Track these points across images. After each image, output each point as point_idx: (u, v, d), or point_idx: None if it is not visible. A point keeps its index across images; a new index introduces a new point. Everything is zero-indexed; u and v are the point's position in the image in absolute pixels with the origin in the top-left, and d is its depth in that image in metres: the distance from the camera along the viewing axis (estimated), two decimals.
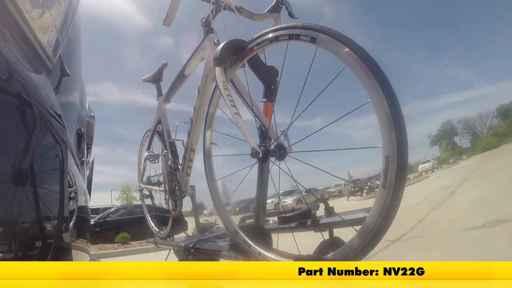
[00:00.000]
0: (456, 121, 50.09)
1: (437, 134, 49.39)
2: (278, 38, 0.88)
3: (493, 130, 44.76)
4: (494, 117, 46.23)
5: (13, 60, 0.57)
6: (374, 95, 0.66)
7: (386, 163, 0.65)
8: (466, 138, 49.73)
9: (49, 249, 0.58)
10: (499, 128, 43.38)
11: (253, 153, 0.88)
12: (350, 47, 0.71)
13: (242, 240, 1.00)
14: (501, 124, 43.99)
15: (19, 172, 0.53)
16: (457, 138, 49.63)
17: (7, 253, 0.49)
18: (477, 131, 48.72)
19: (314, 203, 1.04)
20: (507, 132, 39.42)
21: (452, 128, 49.96)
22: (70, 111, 1.01)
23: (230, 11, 1.20)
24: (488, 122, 47.44)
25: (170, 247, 1.47)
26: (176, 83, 1.55)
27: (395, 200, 0.64)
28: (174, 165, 1.52)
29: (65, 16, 0.85)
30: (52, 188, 0.62)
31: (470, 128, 49.52)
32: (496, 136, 40.58)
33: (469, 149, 43.63)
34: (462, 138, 49.95)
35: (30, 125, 0.58)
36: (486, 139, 42.59)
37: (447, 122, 50.46)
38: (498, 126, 44.13)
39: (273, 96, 1.04)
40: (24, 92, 0.57)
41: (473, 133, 49.28)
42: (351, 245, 0.72)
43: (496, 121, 45.55)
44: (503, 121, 43.91)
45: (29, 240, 0.55)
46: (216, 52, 1.01)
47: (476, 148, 40.55)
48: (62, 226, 0.62)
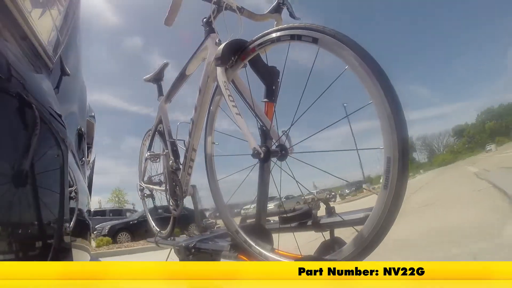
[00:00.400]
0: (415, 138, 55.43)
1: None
2: (279, 38, 0.88)
3: (449, 147, 51.20)
4: (450, 136, 52.91)
5: (13, 60, 0.57)
6: (376, 96, 0.66)
7: (388, 164, 0.65)
8: (424, 154, 56.25)
9: (50, 248, 0.58)
10: (455, 146, 49.78)
11: (255, 154, 0.88)
12: (351, 48, 0.71)
13: (243, 240, 1.00)
14: (456, 143, 50.43)
15: (19, 172, 0.53)
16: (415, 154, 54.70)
17: (8, 253, 0.49)
18: (434, 148, 55.34)
19: (315, 203, 1.04)
20: (462, 150, 45.32)
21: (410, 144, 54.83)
22: (70, 110, 1.01)
23: (232, 11, 1.20)
24: (445, 140, 54.21)
25: (171, 247, 1.47)
26: (177, 83, 1.54)
27: (396, 200, 0.64)
28: (175, 165, 1.52)
29: (66, 16, 0.85)
30: (52, 188, 0.62)
31: (428, 145, 55.93)
32: (452, 153, 46.44)
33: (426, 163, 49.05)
34: (420, 154, 56.11)
35: (31, 125, 0.57)
36: (442, 155, 48.62)
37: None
38: (454, 145, 50.64)
39: (275, 97, 1.04)
40: (24, 91, 0.57)
41: (430, 150, 55.37)
42: (352, 246, 0.72)
43: (452, 140, 52.33)
44: (458, 140, 50.22)
45: (30, 240, 0.55)
46: (217, 52, 1.00)
47: (432, 163, 45.79)
48: (62, 226, 0.62)
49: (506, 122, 42.84)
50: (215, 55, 1.01)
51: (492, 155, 25.62)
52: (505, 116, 43.99)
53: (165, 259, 1.47)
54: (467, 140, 47.78)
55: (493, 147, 37.01)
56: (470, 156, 36.83)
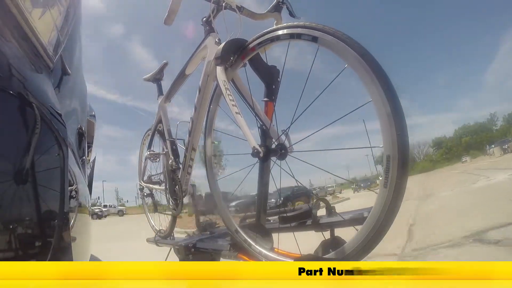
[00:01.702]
0: None
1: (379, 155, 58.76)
2: (279, 37, 0.88)
3: (428, 156, 58.02)
4: (430, 146, 59.30)
5: (14, 60, 0.57)
6: (375, 95, 0.66)
7: (387, 162, 0.65)
8: None
9: (49, 248, 0.58)
10: (433, 156, 56.05)
11: (254, 153, 0.88)
12: (351, 46, 0.71)
13: (242, 240, 1.00)
14: (435, 153, 56.76)
15: (19, 171, 0.53)
16: None
17: (7, 252, 0.49)
18: (415, 156, 59.90)
19: (315, 202, 1.04)
20: (440, 160, 51.36)
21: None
22: (70, 110, 1.01)
23: (231, 10, 1.20)
24: (424, 149, 60.27)
25: (171, 246, 1.47)
26: (177, 82, 1.54)
27: (396, 199, 0.64)
28: (175, 164, 1.52)
29: (66, 16, 0.85)
30: (52, 187, 0.62)
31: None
32: (431, 162, 52.27)
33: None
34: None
35: (31, 124, 0.58)
36: (422, 163, 54.13)
37: None
38: (433, 154, 56.92)
39: (274, 96, 1.04)
40: (25, 91, 0.57)
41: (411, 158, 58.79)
42: (352, 245, 0.72)
43: (432, 150, 58.70)
44: (437, 150, 56.66)
45: (30, 239, 0.55)
46: (217, 52, 1.00)
47: (414, 169, 49.31)
48: (62, 225, 0.62)
49: (480, 138, 49.17)
50: (215, 54, 1.01)
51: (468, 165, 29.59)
52: (479, 132, 50.96)
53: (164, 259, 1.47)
54: (444, 151, 53.74)
55: (468, 159, 40.58)
56: (448, 165, 41.53)
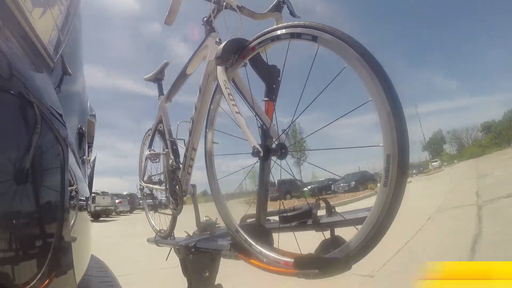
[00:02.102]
0: (445, 131, 62.18)
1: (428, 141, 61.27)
2: (279, 37, 0.88)
3: (477, 141, 55.64)
4: (479, 131, 57.38)
5: (14, 59, 0.57)
6: (375, 94, 0.66)
7: (387, 161, 0.65)
8: (453, 147, 61.44)
9: (49, 248, 0.58)
10: (483, 140, 54.16)
11: (254, 152, 0.88)
12: (351, 46, 0.71)
13: (243, 239, 1.00)
14: (484, 138, 54.89)
15: (19, 171, 0.53)
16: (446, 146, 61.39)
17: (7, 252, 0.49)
18: (463, 141, 60.14)
19: (316, 202, 1.04)
20: (490, 145, 49.27)
21: (441, 137, 62.16)
22: (71, 110, 1.01)
23: (232, 10, 1.20)
24: (473, 134, 58.88)
25: (171, 246, 1.47)
26: (177, 82, 1.55)
27: (396, 198, 0.64)
28: (175, 164, 1.52)
29: (66, 15, 0.85)
30: (52, 187, 0.62)
31: (457, 138, 61.28)
32: (480, 147, 50.53)
33: (457, 155, 54.03)
34: (451, 146, 61.74)
35: (31, 124, 0.58)
36: (471, 148, 52.82)
37: (438, 132, 62.76)
38: (482, 139, 55.03)
39: (275, 95, 1.04)
40: (25, 91, 0.57)
41: (459, 143, 60.70)
42: (352, 244, 0.72)
43: (480, 135, 56.72)
44: (486, 135, 54.78)
45: (29, 239, 0.55)
46: (217, 51, 1.01)
47: (462, 155, 49.99)
48: (62, 225, 0.63)
49: None
50: (216, 54, 1.02)
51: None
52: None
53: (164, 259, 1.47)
54: (494, 136, 51.13)
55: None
56: (497, 150, 39.23)
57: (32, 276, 0.51)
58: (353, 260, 0.72)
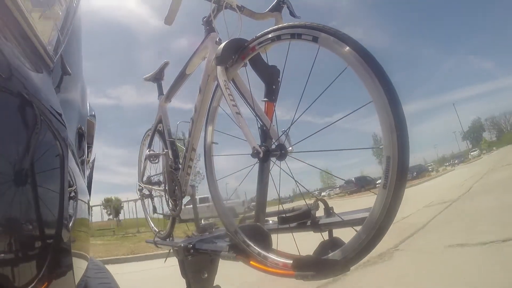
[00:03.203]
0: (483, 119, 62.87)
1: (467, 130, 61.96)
2: (280, 37, 0.88)
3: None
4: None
5: (13, 59, 0.57)
6: (376, 95, 0.66)
7: (387, 163, 0.65)
8: (493, 134, 61.91)
9: (48, 249, 0.57)
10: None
11: (254, 153, 0.88)
12: (352, 47, 0.71)
13: (241, 240, 1.00)
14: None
15: (18, 171, 0.53)
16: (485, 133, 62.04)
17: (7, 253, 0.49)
18: (502, 127, 60.36)
19: (314, 203, 1.04)
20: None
21: (480, 125, 62.48)
22: (70, 110, 1.01)
23: (232, 10, 1.20)
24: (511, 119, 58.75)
25: (170, 247, 1.47)
26: (177, 82, 1.55)
27: (395, 200, 0.64)
28: (175, 165, 1.52)
29: (66, 15, 0.85)
30: (52, 188, 0.62)
31: (496, 124, 61.72)
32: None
33: (496, 142, 54.17)
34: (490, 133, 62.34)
35: (31, 124, 0.57)
36: (510, 134, 52.81)
37: (476, 120, 63.70)
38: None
39: (275, 96, 1.04)
40: (24, 91, 0.57)
41: (498, 129, 61.12)
42: (351, 246, 0.72)
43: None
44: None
45: (28, 240, 0.55)
46: (217, 51, 1.00)
47: (502, 141, 50.03)
48: (61, 226, 0.62)
49: None
50: (215, 54, 1.01)
51: None
52: None
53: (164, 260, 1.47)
54: None
55: None
56: None
57: (31, 277, 0.51)
58: (352, 262, 0.71)
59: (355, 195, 23.10)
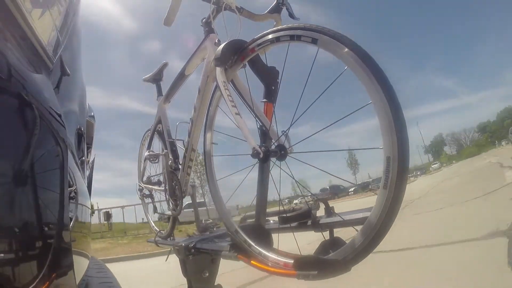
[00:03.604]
0: (445, 134, 71.22)
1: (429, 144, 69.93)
2: (279, 38, 0.88)
3: (474, 142, 62.98)
4: (475, 132, 66.41)
5: (13, 60, 0.57)
6: (375, 97, 0.66)
7: (387, 164, 0.65)
8: (453, 148, 70.07)
9: (49, 250, 0.57)
10: (479, 140, 60.83)
11: (254, 154, 0.88)
12: (351, 48, 0.71)
13: (242, 240, 1.00)
14: (480, 138, 62.21)
15: (18, 172, 0.53)
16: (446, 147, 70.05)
17: (8, 253, 0.49)
18: (462, 142, 68.83)
19: (315, 203, 1.04)
20: (485, 144, 55.52)
21: (442, 140, 70.02)
22: (70, 110, 1.01)
23: (231, 11, 1.20)
24: (470, 135, 67.77)
25: (171, 247, 1.47)
26: (176, 83, 1.55)
27: (396, 200, 0.64)
28: (175, 165, 1.52)
29: (66, 16, 0.85)
30: (52, 188, 0.62)
31: (456, 140, 69.97)
32: (477, 146, 56.27)
33: (456, 156, 60.71)
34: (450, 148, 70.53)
35: (30, 125, 0.57)
36: (468, 148, 58.94)
37: (438, 135, 71.87)
38: (478, 139, 62.23)
39: (274, 97, 1.04)
40: (24, 91, 0.57)
41: (458, 144, 69.09)
42: (351, 246, 0.72)
43: (477, 135, 65.29)
44: (482, 135, 62.17)
45: (29, 241, 0.55)
46: (217, 52, 1.01)
47: (461, 155, 55.79)
48: (62, 226, 0.62)
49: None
50: (215, 55, 1.02)
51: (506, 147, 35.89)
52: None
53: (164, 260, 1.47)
54: (489, 135, 57.93)
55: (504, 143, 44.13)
56: (492, 149, 44.46)
57: (32, 277, 0.51)
58: (352, 262, 0.72)
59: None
